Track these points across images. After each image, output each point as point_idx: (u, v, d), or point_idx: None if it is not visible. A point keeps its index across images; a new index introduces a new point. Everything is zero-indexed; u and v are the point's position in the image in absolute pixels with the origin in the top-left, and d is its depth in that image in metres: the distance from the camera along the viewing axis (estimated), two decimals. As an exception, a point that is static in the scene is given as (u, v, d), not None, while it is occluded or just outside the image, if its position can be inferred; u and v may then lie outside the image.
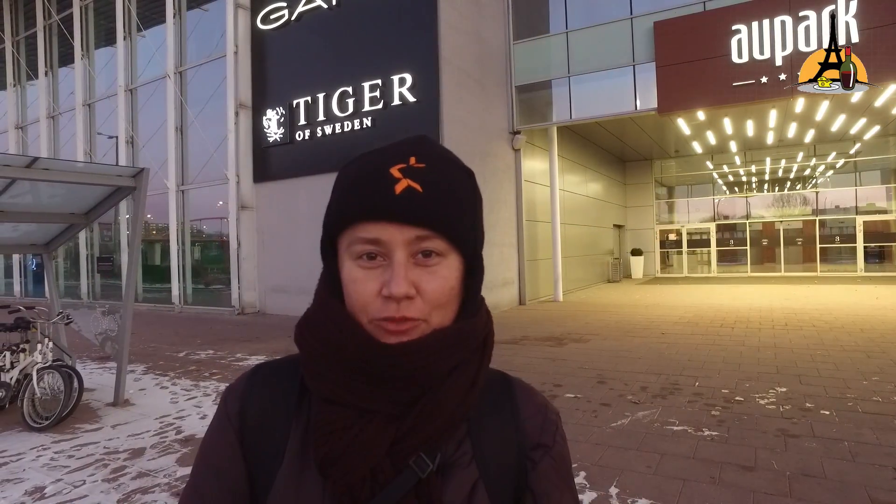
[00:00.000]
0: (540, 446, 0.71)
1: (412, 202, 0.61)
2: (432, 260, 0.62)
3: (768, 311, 10.96)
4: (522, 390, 0.76)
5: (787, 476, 3.40)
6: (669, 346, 7.75)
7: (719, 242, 22.67)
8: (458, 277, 0.65)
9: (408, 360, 0.61)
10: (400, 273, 0.60)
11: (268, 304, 13.23)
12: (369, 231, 0.61)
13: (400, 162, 0.63)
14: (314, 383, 0.66)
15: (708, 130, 17.00)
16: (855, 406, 4.74)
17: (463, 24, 11.64)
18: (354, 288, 0.62)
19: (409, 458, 0.63)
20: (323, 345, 0.65)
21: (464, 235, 0.64)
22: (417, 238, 0.61)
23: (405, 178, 0.61)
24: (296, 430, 0.68)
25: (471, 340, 0.67)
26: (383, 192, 0.61)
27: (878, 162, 20.78)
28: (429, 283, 0.62)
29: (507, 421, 0.71)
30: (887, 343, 7.38)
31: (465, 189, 0.66)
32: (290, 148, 12.76)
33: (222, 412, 0.71)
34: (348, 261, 0.63)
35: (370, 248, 0.61)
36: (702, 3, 11.72)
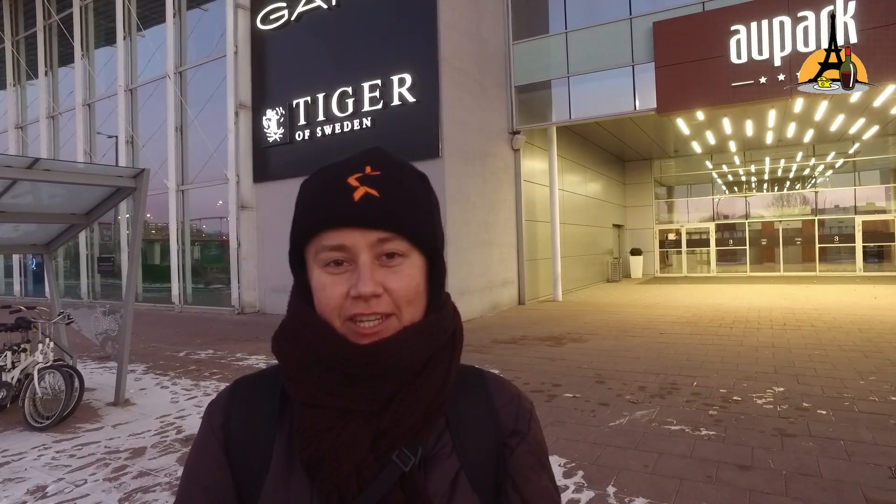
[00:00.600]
0: (516, 433, 0.74)
1: (371, 207, 0.64)
2: (395, 261, 0.66)
3: (767, 310, 10.98)
4: (495, 381, 0.79)
5: (784, 475, 3.43)
6: (668, 345, 7.77)
7: (719, 242, 22.70)
8: (422, 275, 0.69)
9: (382, 357, 0.65)
10: (366, 273, 0.64)
11: (268, 303, 13.25)
12: (333, 238, 0.65)
13: (356, 171, 0.67)
14: (294, 389, 0.68)
15: (707, 130, 17.02)
16: (852, 406, 4.76)
17: (462, 25, 11.66)
18: (324, 293, 0.66)
19: (392, 453, 0.66)
20: (300, 351, 0.68)
21: (423, 235, 0.68)
22: (379, 240, 0.65)
23: (362, 185, 0.65)
24: (280, 437, 0.70)
25: (440, 334, 0.71)
26: (343, 201, 0.65)
27: (878, 162, 20.82)
28: (395, 281, 0.65)
29: (483, 412, 0.74)
30: (885, 343, 7.41)
31: (420, 191, 0.70)
32: (289, 148, 12.79)
33: (206, 427, 0.73)
34: (316, 269, 0.67)
35: (336, 254, 0.65)
36: (701, 4, 11.74)
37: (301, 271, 0.71)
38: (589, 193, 18.67)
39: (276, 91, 13.14)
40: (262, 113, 13.29)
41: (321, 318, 0.67)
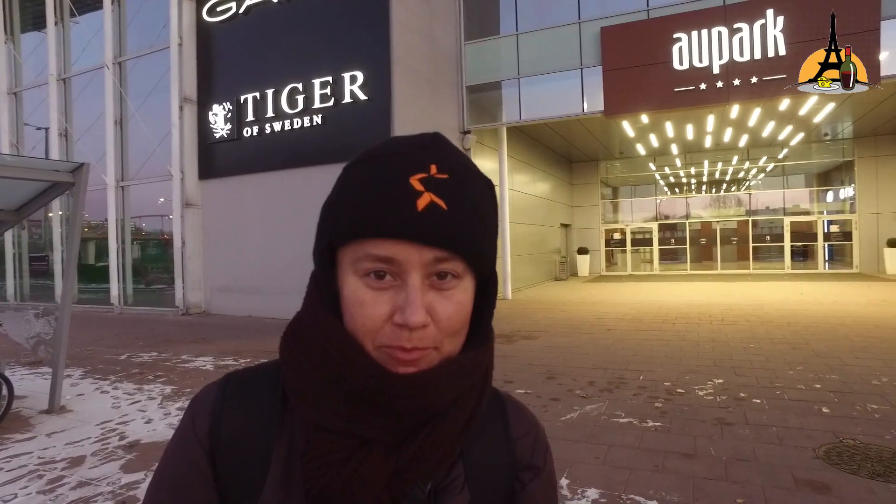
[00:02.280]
0: (531, 468, 0.69)
1: (436, 221, 0.54)
2: (448, 283, 0.56)
3: (706, 307, 11.51)
4: (514, 409, 0.72)
5: (724, 461, 3.62)
6: (615, 341, 8.02)
7: (661, 241, 23.54)
8: (471, 301, 0.60)
9: (418, 392, 0.56)
10: (416, 300, 0.54)
11: (214, 304, 12.86)
12: (383, 248, 0.54)
13: (420, 171, 0.56)
14: (304, 407, 0.59)
15: (651, 133, 17.66)
16: (782, 394, 5.07)
17: (415, 23, 11.65)
18: (362, 311, 0.56)
19: (407, 489, 0.59)
20: (320, 370, 0.58)
21: (483, 256, 0.59)
22: (436, 259, 0.55)
23: (427, 191, 0.55)
24: (278, 452, 0.61)
25: (478, 369, 0.62)
26: (404, 208, 0.54)
27: (803, 167, 22.21)
28: (444, 308, 0.56)
29: (499, 442, 0.68)
30: (810, 335, 7.91)
31: (488, 205, 0.60)
32: (237, 144, 12.44)
33: (188, 431, 0.63)
34: (352, 277, 0.56)
35: (381, 266, 0.55)
36: (646, 11, 12.17)
37: (329, 271, 0.60)
38: (538, 193, 19.02)
39: (223, 86, 12.75)
40: (208, 108, 12.86)
41: (352, 337, 0.57)
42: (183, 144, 12.88)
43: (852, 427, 4.19)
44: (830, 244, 21.23)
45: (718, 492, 3.20)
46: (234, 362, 7.26)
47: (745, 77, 11.09)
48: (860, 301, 11.66)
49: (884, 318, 9.20)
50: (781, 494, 3.14)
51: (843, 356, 6.53)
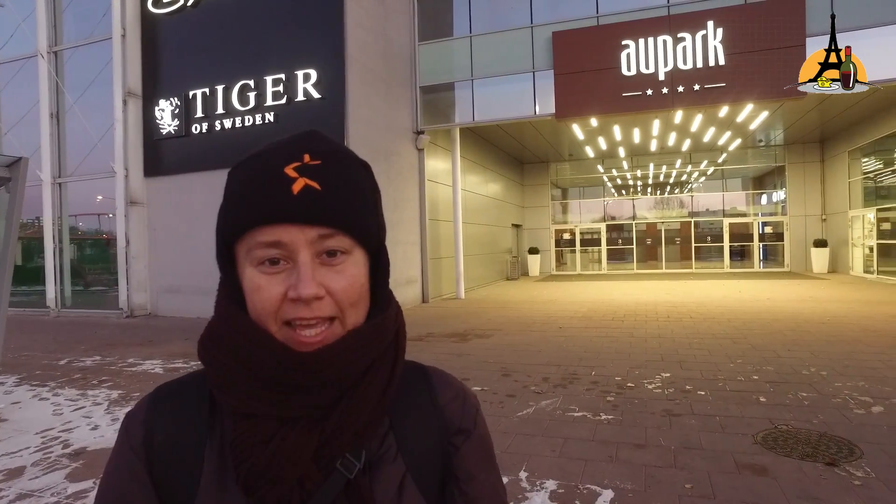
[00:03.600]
0: (461, 431, 0.71)
1: (311, 201, 0.58)
2: (338, 259, 0.60)
3: (653, 304, 11.95)
4: (440, 378, 0.75)
5: (673, 450, 3.80)
6: (567, 339, 8.23)
7: (609, 241, 24.21)
8: (365, 273, 0.64)
9: (324, 368, 0.60)
10: (307, 273, 0.58)
11: (160, 305, 12.40)
12: (269, 234, 0.58)
13: (294, 160, 0.60)
14: (226, 398, 0.62)
15: (599, 136, 18.14)
16: (724, 386, 5.35)
17: (369, 22, 11.60)
18: (259, 296, 0.59)
19: (336, 461, 0.62)
20: (232, 357, 0.61)
21: (367, 230, 0.64)
22: (320, 237, 0.59)
23: (301, 176, 0.59)
24: (210, 451, 0.64)
25: (385, 336, 0.66)
26: (280, 194, 0.58)
27: (740, 171, 23.36)
28: (337, 282, 0.60)
29: (428, 410, 0.71)
30: (748, 330, 8.35)
31: (364, 183, 0.65)
32: (185, 141, 12.03)
33: (124, 444, 0.66)
34: (249, 268, 0.60)
35: (271, 251, 0.59)
36: (595, 18, 12.53)
37: (230, 269, 0.64)
38: (489, 194, 19.24)
39: (170, 80, 12.31)
40: (154, 102, 12.38)
41: (256, 322, 0.60)
42: (127, 140, 12.34)
43: (786, 414, 4.47)
44: (765, 244, 22.43)
45: (668, 479, 3.36)
46: (185, 364, 7.04)
47: (688, 84, 11.61)
48: (791, 298, 12.38)
49: (812, 314, 9.81)
50: (725, 478, 3.33)
51: (777, 349, 6.94)
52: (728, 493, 3.14)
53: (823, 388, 5.18)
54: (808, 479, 3.27)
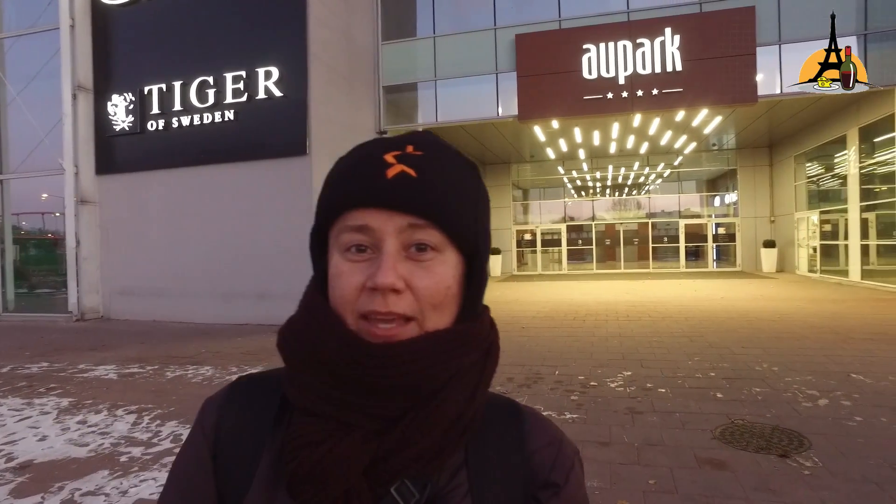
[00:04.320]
0: (550, 485, 0.62)
1: (404, 187, 0.56)
2: (427, 255, 0.57)
3: (613, 304, 12.21)
4: (535, 419, 0.67)
5: (636, 447, 3.89)
6: (530, 339, 8.32)
7: (569, 242, 24.58)
8: (455, 277, 0.59)
9: (395, 364, 0.55)
10: (387, 262, 0.55)
11: (113, 308, 11.93)
12: (358, 218, 0.56)
13: (395, 149, 0.59)
14: (294, 392, 0.60)
15: (560, 138, 18.42)
16: (683, 383, 5.51)
17: (332, 21, 11.46)
18: (339, 282, 0.57)
19: (392, 484, 0.56)
20: (304, 348, 0.59)
21: (463, 229, 0.59)
22: (410, 226, 0.56)
23: (399, 163, 0.57)
24: (271, 446, 0.61)
25: (471, 346, 0.60)
26: (374, 177, 0.57)
27: (695, 173, 24.12)
28: (421, 279, 0.56)
29: (514, 453, 0.62)
30: (703, 328, 8.64)
31: (467, 181, 0.62)
32: (140, 138, 11.61)
33: (198, 425, 0.66)
34: (336, 254, 0.58)
35: (358, 237, 0.56)
36: (557, 22, 12.73)
37: (321, 257, 0.62)
38: (452, 194, 19.23)
39: (124, 75, 11.86)
40: (106, 97, 11.91)
41: (333, 311, 0.58)
42: (77, 136, 11.83)
43: (741, 409, 4.64)
44: (718, 245, 23.22)
45: (632, 475, 3.44)
46: (141, 369, 6.80)
47: (646, 89, 11.92)
48: (743, 296, 12.86)
49: (762, 312, 10.22)
50: (686, 473, 3.44)
51: (732, 346, 7.20)
52: (689, 487, 3.25)
53: (775, 383, 5.40)
54: (763, 472, 3.41)
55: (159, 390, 5.81)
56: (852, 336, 7.68)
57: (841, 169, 16.28)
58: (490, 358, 0.64)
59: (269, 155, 10.61)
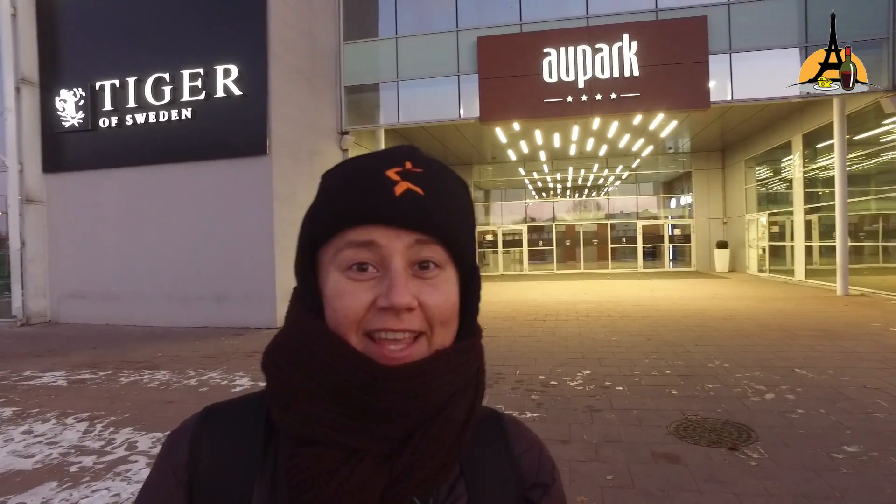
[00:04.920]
0: (539, 485, 0.66)
1: (413, 205, 0.55)
2: (431, 272, 0.57)
3: (573, 304, 12.43)
4: (514, 425, 0.70)
5: (595, 444, 4.00)
6: (491, 339, 8.38)
7: (530, 243, 24.88)
8: (457, 293, 0.60)
9: (411, 387, 0.54)
10: (401, 281, 0.54)
11: (63, 312, 11.46)
12: (363, 234, 0.55)
13: (395, 165, 0.58)
14: (288, 420, 0.57)
15: (521, 140, 18.65)
16: (640, 381, 5.68)
17: (293, 19, 11.30)
18: (342, 302, 0.55)
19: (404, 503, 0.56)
20: (304, 372, 0.56)
21: (463, 246, 0.59)
22: (417, 243, 0.55)
23: (404, 180, 0.56)
24: (261, 481, 0.58)
25: (473, 362, 0.62)
26: (382, 193, 0.55)
27: (652, 176, 24.81)
28: (430, 296, 0.56)
29: (503, 459, 0.65)
30: (660, 327, 8.90)
31: (463, 197, 0.62)
32: (91, 135, 11.19)
33: (165, 463, 0.61)
34: (335, 272, 0.56)
35: (362, 254, 0.55)
36: (519, 25, 12.89)
37: (310, 276, 0.59)
38: (415, 195, 19.23)
39: (73, 68, 11.41)
40: (54, 92, 11.43)
41: (334, 332, 0.56)
42: (21, 132, 11.33)
43: (695, 405, 4.81)
44: (674, 245, 23.92)
45: (591, 472, 3.53)
46: (93, 375, 6.56)
47: (605, 93, 12.19)
48: (697, 296, 13.30)
49: (716, 311, 10.60)
50: (643, 468, 3.55)
51: (686, 344, 7.45)
52: (645, 482, 3.35)
53: (726, 379, 5.62)
54: (714, 464, 3.55)
55: (113, 396, 5.63)
56: (797, 333, 8.05)
57: (787, 173, 17.03)
58: (480, 375, 0.65)
59: (228, 154, 10.40)
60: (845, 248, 12.43)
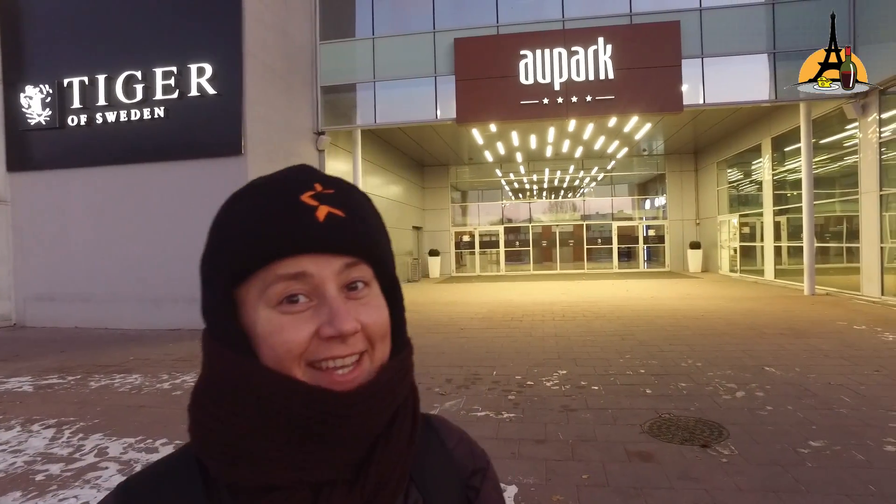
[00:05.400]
0: (477, 471, 0.69)
1: (338, 229, 0.54)
2: (360, 291, 0.56)
3: (549, 304, 12.54)
4: (441, 422, 0.72)
5: (570, 443, 4.04)
6: (469, 340, 8.43)
7: (506, 243, 25.03)
8: (386, 306, 0.60)
9: (369, 405, 0.54)
10: (342, 307, 0.53)
11: (29, 315, 11.13)
12: (293, 266, 0.53)
13: (307, 189, 0.56)
14: (240, 472, 0.53)
15: (498, 141, 18.75)
16: (615, 380, 5.75)
17: (269, 18, 11.18)
18: (282, 337, 0.52)
19: None
20: (250, 416, 0.53)
21: (386, 261, 0.60)
22: (346, 267, 0.55)
23: (322, 204, 0.55)
24: None
25: (409, 375, 0.62)
26: (306, 222, 0.53)
27: (627, 177, 25.16)
28: (368, 315, 0.56)
29: (442, 456, 0.67)
30: (634, 327, 9.03)
31: (375, 213, 0.62)
32: (59, 134, 10.88)
33: None
34: (264, 310, 0.53)
35: (294, 286, 0.53)
36: (496, 27, 12.96)
37: (231, 317, 0.55)
38: (390, 196, 19.24)
39: (39, 64, 11.09)
40: (18, 89, 11.10)
41: (278, 370, 0.53)
42: (-17, 130, 11.00)
43: (668, 403, 4.90)
44: (648, 246, 24.30)
45: (567, 471, 3.57)
46: (61, 380, 6.40)
47: (581, 95, 12.34)
48: (671, 296, 13.53)
49: (689, 310, 10.79)
50: (617, 467, 3.60)
51: (660, 344, 7.57)
52: (620, 480, 3.40)
53: (699, 377, 5.73)
54: (687, 461, 3.63)
55: (82, 401, 5.50)
56: (766, 332, 8.26)
57: (757, 175, 17.45)
58: (414, 384, 0.66)
59: (203, 154, 10.24)
60: (812, 249, 12.79)
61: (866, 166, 11.67)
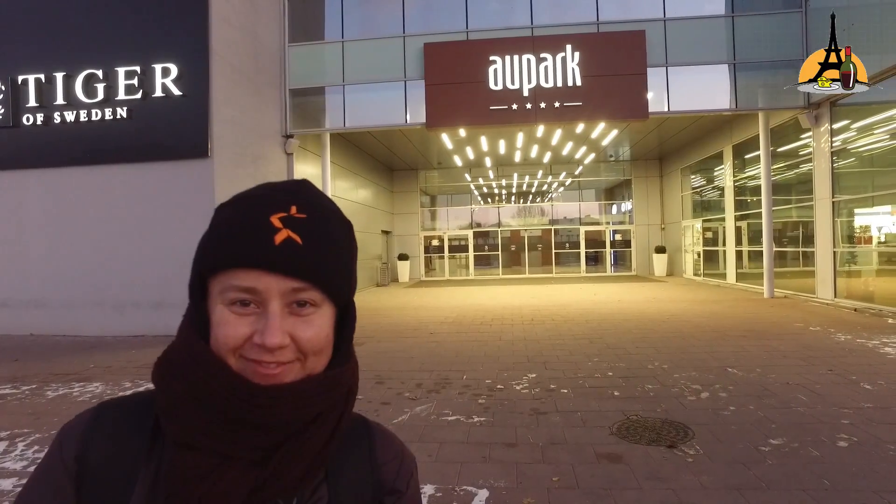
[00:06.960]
0: (394, 491, 0.73)
1: (291, 254, 0.61)
2: (307, 310, 0.63)
3: (518, 308, 12.63)
4: (382, 435, 0.77)
5: (541, 446, 4.07)
6: (438, 344, 8.43)
7: (476, 248, 25.12)
8: (331, 325, 0.66)
9: (279, 405, 0.61)
10: (275, 324, 0.60)
11: (-21, 322, 10.66)
12: (245, 279, 0.60)
13: (281, 210, 0.63)
14: (171, 425, 0.62)
15: (467, 146, 18.85)
16: (584, 383, 5.83)
17: (236, 19, 11.00)
18: (224, 331, 0.61)
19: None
20: (185, 385, 0.62)
21: (339, 288, 0.66)
22: (294, 290, 0.61)
23: (285, 228, 0.62)
24: (144, 477, 0.63)
25: (339, 389, 0.68)
26: (262, 242, 0.61)
27: (594, 182, 25.58)
28: (304, 331, 0.62)
29: (365, 466, 0.73)
30: (602, 330, 9.18)
31: (343, 241, 0.67)
32: (13, 133, 10.45)
33: (55, 457, 0.64)
34: (220, 305, 0.62)
35: (244, 296, 0.61)
36: (465, 33, 13.04)
37: (200, 300, 0.65)
38: (360, 200, 19.13)
39: (-8, 60, 10.67)
40: (-31, 85, 10.66)
41: (215, 354, 0.62)
42: (-70, 128, 10.49)
43: (636, 405, 4.99)
44: (615, 250, 24.74)
45: (538, 474, 3.60)
46: (14, 390, 6.14)
47: (549, 101, 12.51)
48: (638, 299, 13.79)
49: (655, 313, 11.03)
50: (587, 468, 3.65)
51: (628, 346, 7.71)
52: (589, 481, 3.45)
53: (665, 379, 5.85)
54: (654, 462, 3.70)
55: (38, 412, 5.29)
56: (728, 334, 8.49)
57: (719, 181, 17.97)
58: (351, 396, 0.72)
59: (168, 157, 9.99)
60: (771, 253, 13.23)
61: (820, 174, 12.15)
